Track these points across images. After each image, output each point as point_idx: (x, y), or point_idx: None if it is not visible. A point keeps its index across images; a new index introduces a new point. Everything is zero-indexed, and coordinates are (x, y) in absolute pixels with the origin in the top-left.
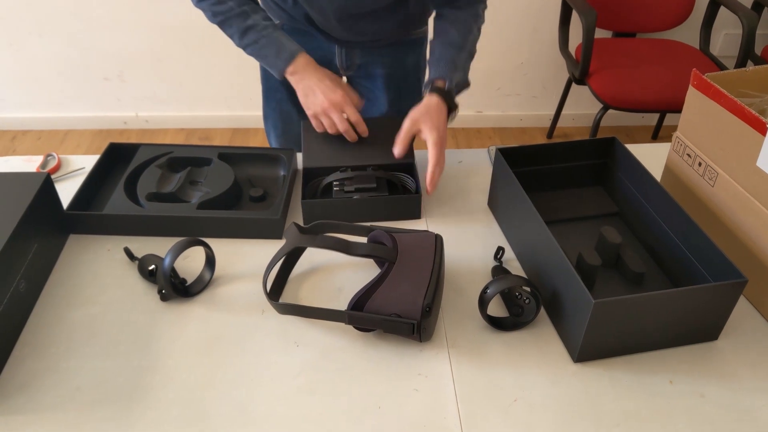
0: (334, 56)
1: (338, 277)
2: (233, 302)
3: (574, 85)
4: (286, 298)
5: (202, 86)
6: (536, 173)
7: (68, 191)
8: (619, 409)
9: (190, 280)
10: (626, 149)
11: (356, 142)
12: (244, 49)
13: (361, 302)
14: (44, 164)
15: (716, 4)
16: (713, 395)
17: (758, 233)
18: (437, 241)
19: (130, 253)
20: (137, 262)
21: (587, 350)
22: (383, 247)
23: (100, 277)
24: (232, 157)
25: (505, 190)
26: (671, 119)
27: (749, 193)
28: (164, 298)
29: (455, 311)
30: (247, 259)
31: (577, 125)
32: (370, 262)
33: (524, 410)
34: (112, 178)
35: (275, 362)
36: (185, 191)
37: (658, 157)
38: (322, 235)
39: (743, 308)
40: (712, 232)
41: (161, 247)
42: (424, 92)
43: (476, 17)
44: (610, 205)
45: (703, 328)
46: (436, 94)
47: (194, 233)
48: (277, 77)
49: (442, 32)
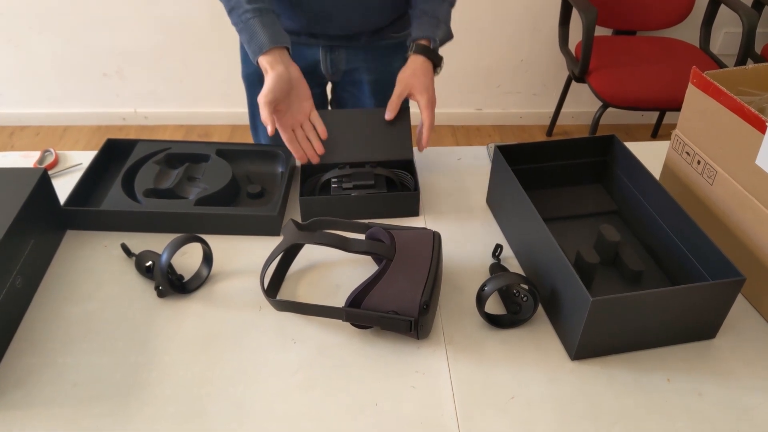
0: (318, 63)
1: (336, 274)
2: (230, 299)
3: (573, 83)
4: (283, 294)
5: (201, 83)
6: (535, 171)
7: (66, 187)
8: (616, 406)
9: (187, 276)
10: (625, 147)
11: (356, 138)
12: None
13: (358, 299)
14: (41, 160)
15: (716, 2)
16: (711, 393)
17: (757, 231)
18: (435, 238)
19: (127, 249)
20: (134, 258)
21: (585, 348)
22: (381, 244)
23: (97, 273)
24: (229, 153)
25: (503, 187)
26: (671, 117)
27: (748, 191)
28: (161, 294)
29: (453, 308)
30: (244, 255)
31: (576, 123)
32: (367, 259)
33: (521, 408)
34: (109, 174)
35: (272, 359)
36: (183, 187)
37: (657, 155)
38: (319, 232)
39: (741, 306)
40: (710, 230)
41: (159, 243)
42: (408, 51)
43: None
44: (608, 203)
45: (700, 326)
46: (421, 54)
47: (192, 229)
48: None
49: None
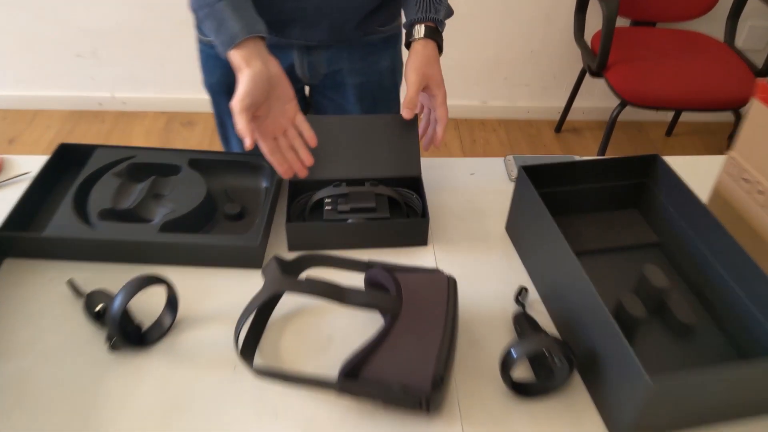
0: (293, 66)
1: (328, 322)
2: (199, 354)
3: (587, 76)
4: (264, 347)
5: (185, 66)
6: (563, 194)
7: (9, 201)
8: None
9: (147, 323)
10: (671, 169)
11: (353, 149)
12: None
13: (356, 367)
14: None
15: None
16: None
17: None
18: (450, 286)
19: (75, 287)
20: (84, 298)
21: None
22: (385, 295)
23: (36, 317)
24: (204, 164)
25: (528, 215)
26: (688, 116)
27: None
28: (114, 347)
29: (470, 371)
30: (218, 294)
31: (587, 119)
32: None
33: None
34: (60, 187)
35: None
36: (147, 207)
37: (701, 174)
38: (308, 279)
39: None
40: None
41: (115, 277)
42: (411, 34)
43: None
44: (648, 233)
45: None
46: (432, 39)
47: (156, 260)
48: None
49: None
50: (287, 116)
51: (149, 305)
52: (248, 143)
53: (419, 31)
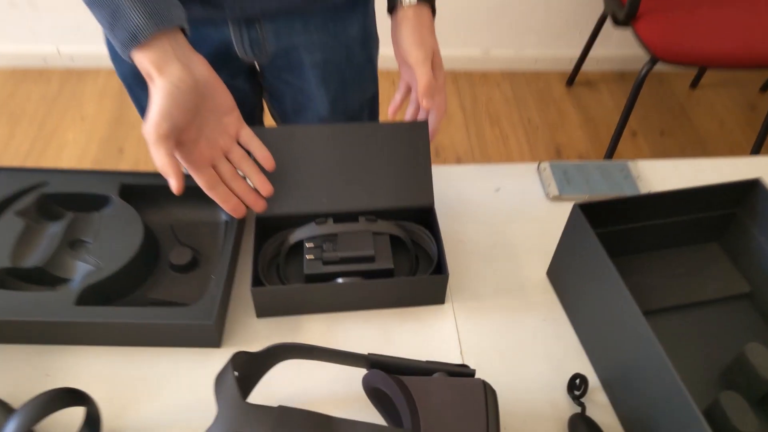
0: (230, 44)
1: None
2: None
3: (607, 22)
4: None
5: None
6: (627, 232)
7: None
8: None
9: None
10: None
11: (341, 170)
12: None
13: None
14: None
15: None
16: None
17: None
18: (488, 397)
19: None
20: None
21: None
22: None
23: None
24: (142, 191)
25: (582, 266)
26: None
27: None
28: None
29: None
30: (162, 387)
31: (602, 69)
32: (367, 403)
33: None
34: None
35: None
36: (62, 262)
37: None
38: (283, 410)
39: None
40: None
41: (20, 367)
42: (401, 3)
43: None
44: (736, 280)
45: None
46: (425, 4)
47: (74, 340)
48: None
49: None
50: (228, 133)
51: (61, 424)
52: (175, 185)
53: None
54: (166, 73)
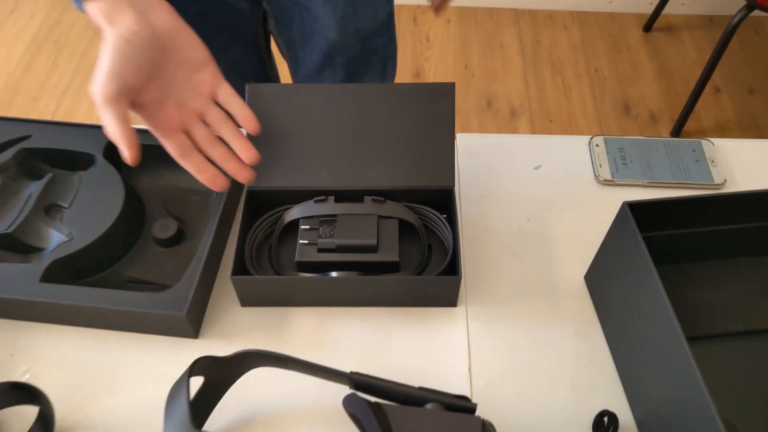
0: None
1: None
2: None
3: None
4: None
5: None
6: (682, 237)
7: None
8: None
9: None
10: None
11: (346, 141)
12: None
13: None
14: None
15: None
16: None
17: None
18: None
19: None
20: None
21: None
22: None
23: None
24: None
25: (625, 275)
26: None
27: None
28: None
29: None
30: (128, 380)
31: (687, 12)
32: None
33: None
34: None
35: None
36: (34, 229)
37: None
38: None
39: None
40: None
41: None
42: None
43: None
44: None
45: None
46: None
47: (40, 318)
48: None
49: None
50: (201, 92)
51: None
52: (127, 155)
53: None
54: (116, 24)
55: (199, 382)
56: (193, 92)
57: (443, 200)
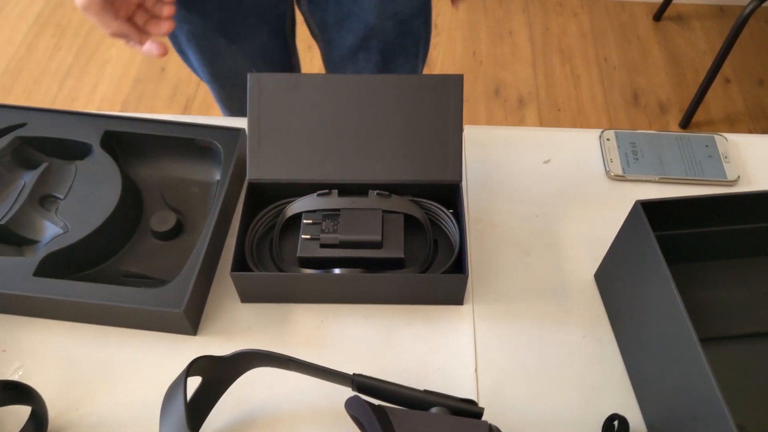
0: None
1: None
2: None
3: None
4: None
5: None
6: (700, 236)
7: None
8: None
9: None
10: None
11: (350, 133)
12: None
13: None
14: None
15: None
16: None
17: None
18: None
19: None
20: None
21: None
22: None
23: None
24: (127, 140)
25: (636, 275)
26: None
27: None
28: None
29: None
30: (123, 378)
31: (697, 2)
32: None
33: None
34: None
35: None
36: (28, 220)
37: None
38: None
39: None
40: None
41: None
42: None
43: None
44: None
45: None
46: None
47: (34, 313)
48: None
49: None
50: None
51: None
52: (148, 46)
53: None
54: None
55: (196, 382)
56: None
57: (449, 195)
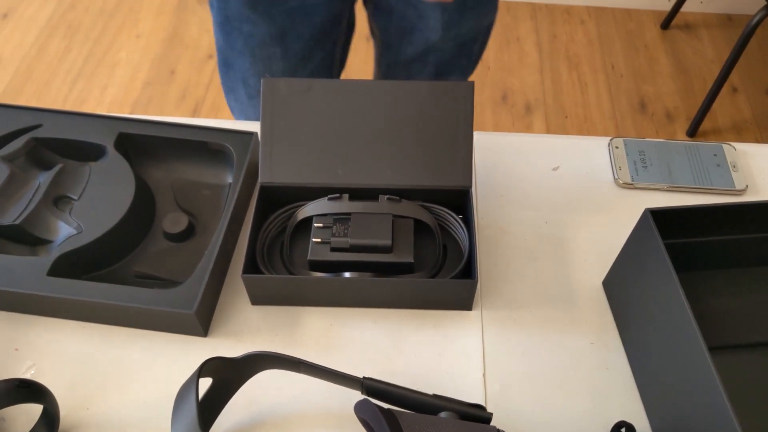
0: None
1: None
2: None
3: None
4: None
5: None
6: (709, 244)
7: None
8: None
9: None
10: None
11: (362, 138)
12: None
13: None
14: None
15: None
16: None
17: None
18: None
19: None
20: None
21: None
22: None
23: None
24: (142, 142)
25: (645, 282)
26: None
27: None
28: None
29: None
30: (134, 378)
31: (704, 11)
32: (356, 423)
33: None
34: None
35: None
36: (42, 220)
37: None
38: None
39: None
40: None
41: None
42: None
43: None
44: None
45: None
46: None
47: (46, 312)
48: None
49: None
50: None
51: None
52: None
53: None
54: None
55: (207, 382)
56: None
57: (459, 200)
